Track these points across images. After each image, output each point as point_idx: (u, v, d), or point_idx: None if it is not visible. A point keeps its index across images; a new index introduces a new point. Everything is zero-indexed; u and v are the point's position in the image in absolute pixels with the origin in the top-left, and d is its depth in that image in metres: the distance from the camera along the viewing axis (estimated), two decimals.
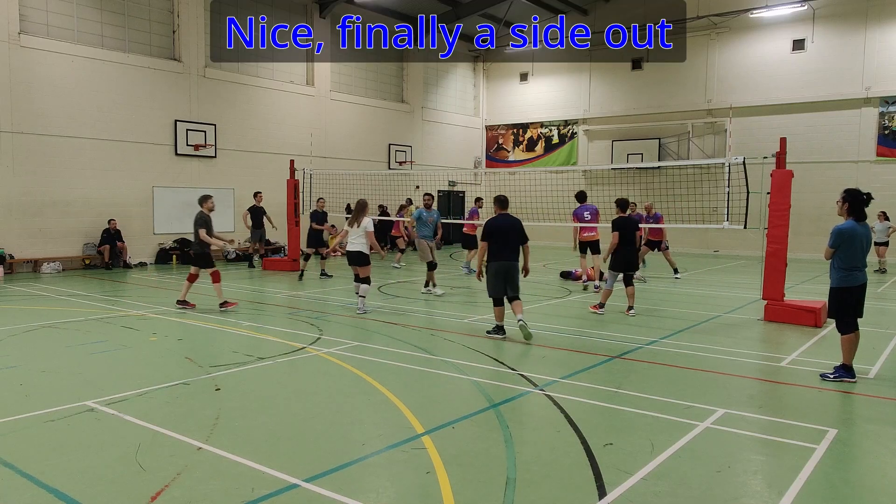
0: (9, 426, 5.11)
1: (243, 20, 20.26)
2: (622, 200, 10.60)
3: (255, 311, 10.66)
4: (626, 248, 10.30)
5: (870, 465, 4.63)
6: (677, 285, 14.42)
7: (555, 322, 9.87)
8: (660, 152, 24.61)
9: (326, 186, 19.74)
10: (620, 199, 10.63)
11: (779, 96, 22.37)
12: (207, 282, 11.07)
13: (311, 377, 6.79)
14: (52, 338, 8.42)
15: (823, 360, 7.42)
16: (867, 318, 7.29)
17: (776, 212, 10.08)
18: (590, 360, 7.43)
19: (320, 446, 4.79)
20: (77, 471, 4.29)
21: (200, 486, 4.07)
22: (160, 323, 9.54)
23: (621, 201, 10.60)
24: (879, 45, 20.77)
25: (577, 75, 26.79)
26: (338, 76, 23.15)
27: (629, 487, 4.09)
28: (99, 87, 16.91)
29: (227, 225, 19.65)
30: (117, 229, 16.96)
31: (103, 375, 6.69)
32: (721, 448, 4.84)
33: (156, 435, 4.92)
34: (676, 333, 9.05)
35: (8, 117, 15.41)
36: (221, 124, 19.52)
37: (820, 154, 21.62)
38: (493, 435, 5.00)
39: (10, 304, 11.29)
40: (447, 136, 27.84)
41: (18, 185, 15.65)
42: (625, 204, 10.56)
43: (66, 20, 16.49)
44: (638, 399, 5.93)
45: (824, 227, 20.32)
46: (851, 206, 6.70)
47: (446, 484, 4.12)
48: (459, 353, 7.77)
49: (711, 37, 23.55)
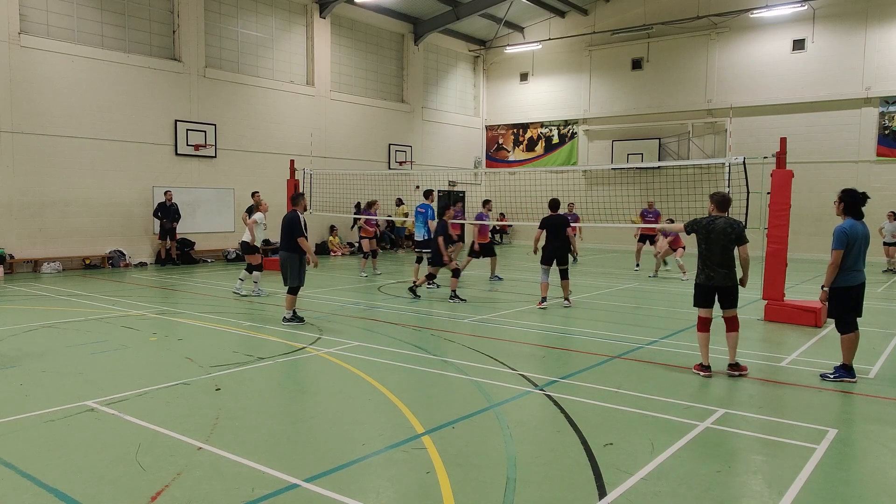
0: (9, 426, 5.11)
1: (244, 20, 20.28)
2: (553, 201, 11.25)
3: (255, 311, 10.65)
4: (556, 243, 10.89)
5: (870, 465, 4.63)
6: (676, 285, 14.42)
7: (555, 322, 9.86)
8: (660, 152, 24.60)
9: (326, 186, 19.76)
10: (552, 200, 11.30)
11: (779, 96, 22.36)
12: (205, 283, 11.05)
13: (311, 377, 6.79)
14: (52, 338, 8.42)
15: (823, 360, 7.42)
16: (867, 318, 7.29)
17: (776, 212, 10.08)
18: (590, 360, 7.43)
19: (320, 446, 4.79)
20: (77, 471, 4.29)
21: (200, 486, 4.07)
22: (160, 323, 9.53)
23: (552, 202, 11.24)
24: (879, 45, 20.76)
25: (577, 75, 26.79)
26: (338, 76, 23.15)
27: (629, 487, 4.09)
28: (99, 87, 16.91)
29: (227, 225, 19.67)
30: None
31: (103, 375, 6.69)
32: (721, 448, 4.84)
33: (156, 435, 4.92)
34: (676, 333, 9.05)
35: (8, 117, 15.41)
36: (221, 124, 19.52)
37: (820, 154, 21.61)
38: (493, 435, 5.00)
39: (10, 304, 11.29)
40: (447, 136, 27.84)
41: (18, 185, 15.65)
42: (555, 204, 11.17)
43: (66, 20, 16.49)
44: (638, 399, 5.92)
45: (824, 227, 20.38)
46: (847, 206, 6.69)
47: (446, 484, 4.12)
48: (459, 353, 7.77)
49: (711, 37, 23.54)
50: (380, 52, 24.82)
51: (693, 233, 6.99)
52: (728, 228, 6.78)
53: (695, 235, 6.99)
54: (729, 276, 6.81)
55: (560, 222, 10.99)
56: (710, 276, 6.81)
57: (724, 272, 6.79)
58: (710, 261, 6.81)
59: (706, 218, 6.95)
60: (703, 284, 6.87)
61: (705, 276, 6.85)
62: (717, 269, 6.78)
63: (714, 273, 6.79)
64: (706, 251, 6.83)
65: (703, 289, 6.89)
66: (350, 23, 23.52)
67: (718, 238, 6.76)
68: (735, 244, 6.78)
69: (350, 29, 23.61)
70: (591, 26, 25.97)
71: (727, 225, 6.80)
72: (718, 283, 6.80)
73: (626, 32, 24.76)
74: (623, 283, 14.69)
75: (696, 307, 6.99)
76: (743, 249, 6.81)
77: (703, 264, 6.87)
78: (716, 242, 6.77)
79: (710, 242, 6.79)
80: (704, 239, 6.83)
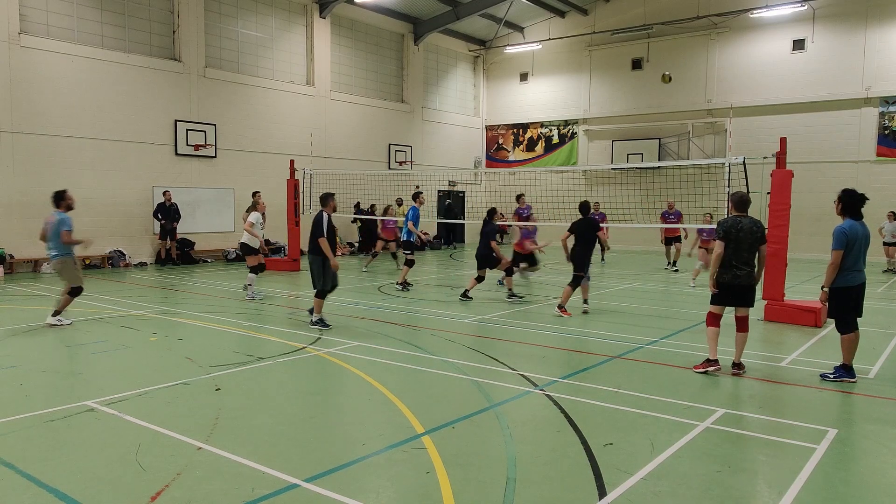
0: (9, 426, 5.11)
1: (244, 20, 20.28)
2: (584, 203, 10.77)
3: (255, 311, 10.66)
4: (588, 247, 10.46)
5: (870, 465, 4.63)
6: (678, 285, 14.42)
7: (555, 322, 9.86)
8: (660, 152, 24.61)
9: (326, 186, 19.74)
10: (584, 203, 10.79)
11: (779, 96, 22.37)
12: (205, 283, 11.04)
13: (311, 377, 6.79)
14: (52, 338, 8.42)
15: (823, 360, 7.42)
16: (867, 318, 7.29)
17: (776, 212, 10.08)
18: (590, 360, 7.43)
19: (320, 446, 4.79)
20: (77, 471, 4.29)
21: (200, 486, 4.07)
22: (160, 323, 9.53)
23: (584, 204, 10.73)
24: (879, 45, 20.76)
25: (577, 75, 26.79)
26: (338, 76, 23.16)
27: (629, 487, 4.09)
28: (99, 87, 16.91)
29: (227, 225, 19.67)
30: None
31: (103, 375, 6.69)
32: (721, 448, 4.84)
33: (156, 435, 4.92)
34: (676, 333, 9.05)
35: (8, 117, 15.41)
36: (221, 124, 19.52)
37: (820, 154, 21.62)
38: (493, 435, 5.00)
39: (10, 304, 11.29)
40: (447, 136, 27.84)
41: (18, 185, 15.65)
42: (587, 207, 10.69)
43: (66, 20, 16.49)
44: (638, 399, 5.93)
45: (824, 227, 20.35)
46: (845, 206, 6.70)
47: (446, 484, 4.12)
48: (459, 353, 7.77)
49: (711, 37, 23.55)
50: (380, 52, 24.82)
51: (725, 238, 6.88)
52: (754, 227, 6.89)
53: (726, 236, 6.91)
54: (752, 275, 6.89)
55: (592, 225, 10.54)
56: (737, 275, 6.85)
57: (749, 270, 6.87)
58: (736, 259, 6.84)
59: (730, 219, 7.01)
60: (730, 283, 6.89)
61: (732, 276, 6.87)
62: (744, 268, 6.85)
63: (740, 272, 6.84)
64: (734, 250, 6.85)
65: (728, 287, 6.91)
66: (350, 23, 23.53)
67: (746, 237, 6.82)
68: (760, 243, 6.89)
69: (350, 29, 23.61)
70: (591, 26, 25.97)
71: (752, 224, 6.91)
72: (744, 282, 6.86)
73: (626, 32, 24.76)
74: (624, 283, 14.69)
75: (714, 304, 7.01)
76: (763, 248, 6.97)
77: (729, 263, 6.88)
78: (744, 241, 6.82)
79: (739, 241, 6.83)
80: (734, 239, 6.85)
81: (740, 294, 6.91)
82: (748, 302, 6.96)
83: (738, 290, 6.89)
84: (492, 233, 11.81)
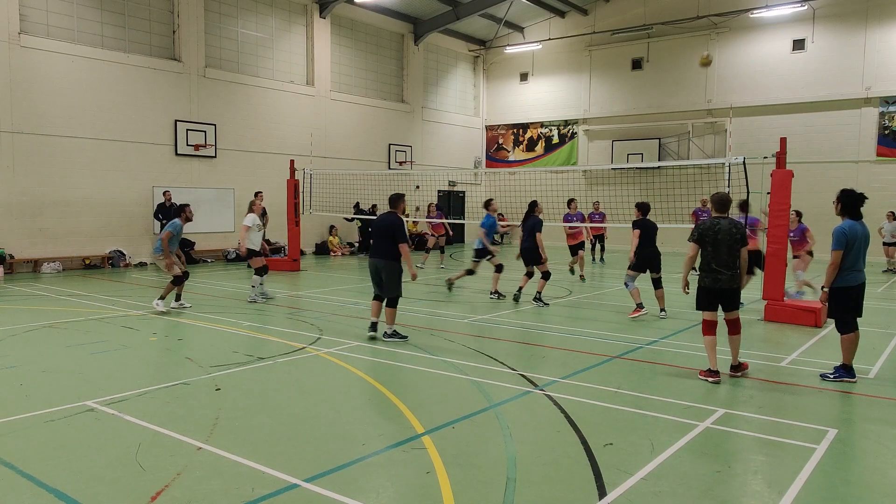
0: (9, 426, 5.11)
1: (244, 20, 20.28)
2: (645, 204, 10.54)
3: (255, 311, 10.66)
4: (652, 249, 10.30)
5: (870, 465, 4.63)
6: (678, 285, 14.39)
7: (555, 322, 9.86)
8: (660, 152, 24.60)
9: (326, 186, 19.77)
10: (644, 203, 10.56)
11: (779, 96, 22.36)
12: (205, 283, 11.04)
13: (311, 377, 6.79)
14: (52, 338, 8.42)
15: (823, 360, 7.42)
16: (867, 317, 7.29)
17: (776, 212, 10.09)
18: (590, 360, 7.43)
19: (320, 446, 4.79)
20: (77, 471, 4.29)
21: (200, 486, 4.07)
22: (160, 323, 9.53)
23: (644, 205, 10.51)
24: (879, 45, 20.76)
25: (577, 75, 26.79)
26: (338, 76, 23.16)
27: (629, 487, 4.09)
28: (99, 87, 16.91)
29: (227, 225, 19.67)
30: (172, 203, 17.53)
31: (103, 375, 6.68)
32: (721, 448, 4.84)
33: (156, 435, 4.92)
34: (676, 333, 9.05)
35: (8, 117, 15.41)
36: (221, 124, 19.52)
37: (820, 154, 21.61)
38: (493, 435, 5.00)
39: (10, 304, 11.29)
40: (447, 136, 27.84)
41: (18, 185, 15.65)
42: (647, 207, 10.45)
43: (66, 20, 16.49)
44: (638, 399, 5.93)
45: (824, 227, 20.28)
46: (845, 206, 6.70)
47: (446, 484, 4.12)
48: (459, 353, 7.77)
49: (711, 37, 23.54)
50: (380, 52, 24.82)
51: (699, 241, 6.81)
52: (733, 229, 6.73)
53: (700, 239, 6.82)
54: (734, 279, 6.73)
55: (654, 227, 10.35)
56: (718, 279, 6.71)
57: (730, 274, 6.71)
58: (716, 262, 6.72)
59: (708, 221, 6.89)
60: (710, 287, 6.76)
61: (712, 279, 6.74)
62: (724, 272, 6.69)
63: (721, 275, 6.70)
64: (713, 253, 6.73)
65: (709, 292, 6.78)
66: (350, 23, 23.53)
67: (725, 239, 6.69)
68: (740, 245, 6.73)
69: (350, 29, 23.61)
70: (591, 26, 25.97)
71: (731, 226, 6.75)
72: (725, 286, 6.71)
73: (626, 32, 24.76)
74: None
75: (701, 310, 6.87)
76: (744, 251, 6.79)
77: (708, 267, 6.77)
78: (722, 243, 6.68)
79: (717, 244, 6.70)
80: (711, 241, 6.73)
81: (723, 297, 6.76)
82: (733, 305, 6.82)
83: (720, 294, 6.75)
84: (537, 225, 11.36)
